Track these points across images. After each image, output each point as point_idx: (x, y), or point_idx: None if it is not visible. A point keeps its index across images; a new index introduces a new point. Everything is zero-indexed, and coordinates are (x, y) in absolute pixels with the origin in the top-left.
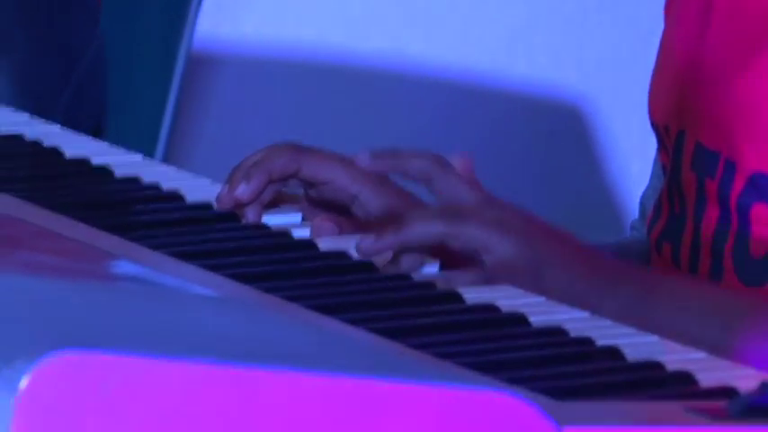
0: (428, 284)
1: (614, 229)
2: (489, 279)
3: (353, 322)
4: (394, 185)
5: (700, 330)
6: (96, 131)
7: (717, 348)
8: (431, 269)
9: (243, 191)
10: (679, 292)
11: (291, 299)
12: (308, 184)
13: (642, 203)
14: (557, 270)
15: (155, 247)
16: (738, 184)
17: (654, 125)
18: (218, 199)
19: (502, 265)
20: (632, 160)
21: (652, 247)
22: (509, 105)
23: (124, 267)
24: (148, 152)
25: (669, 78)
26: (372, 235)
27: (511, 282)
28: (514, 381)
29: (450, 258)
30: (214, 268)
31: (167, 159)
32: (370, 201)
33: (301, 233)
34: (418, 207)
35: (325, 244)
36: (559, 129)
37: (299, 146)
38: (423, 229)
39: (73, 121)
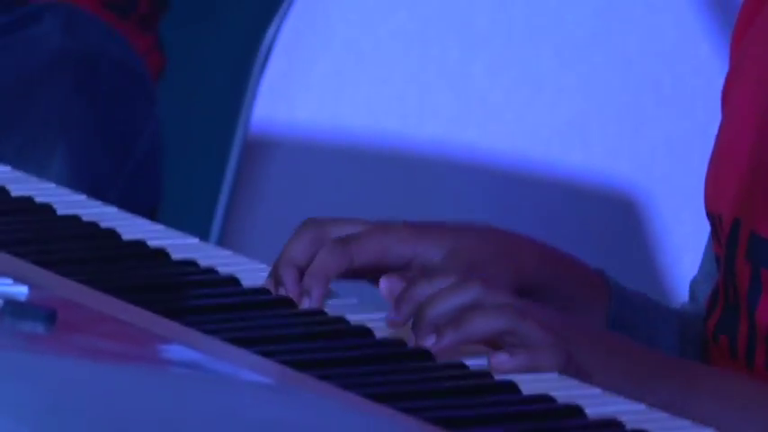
0: (484, 374)
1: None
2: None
3: (408, 411)
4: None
5: (743, 427)
6: (152, 214)
7: None
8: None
9: (308, 305)
10: (722, 387)
11: (347, 387)
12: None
13: (692, 288)
14: (601, 369)
15: (210, 332)
16: None
17: (708, 215)
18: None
19: (551, 368)
20: (684, 252)
21: (709, 338)
22: (562, 195)
23: (180, 353)
24: (203, 235)
25: (725, 168)
26: (433, 335)
27: None
28: None
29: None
30: (269, 354)
31: (222, 243)
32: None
33: (357, 318)
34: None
35: (382, 333)
36: (613, 220)
37: (345, 239)
38: (485, 326)
39: (129, 204)
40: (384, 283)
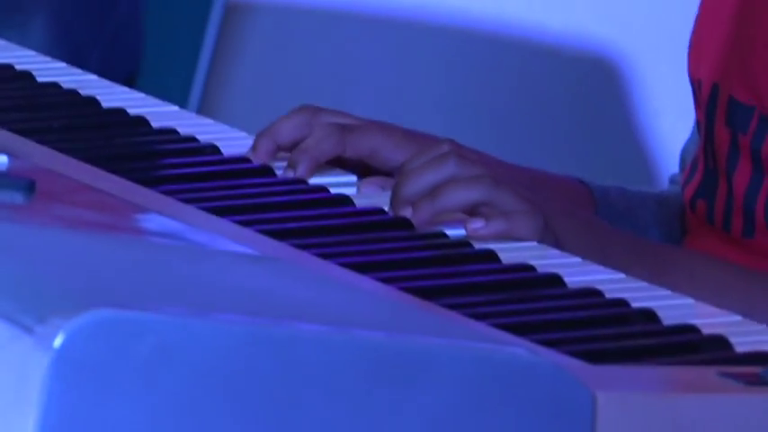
0: (464, 243)
1: (646, 182)
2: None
3: (387, 281)
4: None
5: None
6: (131, 79)
7: None
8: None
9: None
10: (697, 269)
11: (325, 256)
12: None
13: (682, 157)
14: (573, 248)
15: (190, 201)
16: None
17: (690, 80)
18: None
19: (526, 236)
20: (666, 115)
21: (687, 205)
22: (544, 59)
23: (159, 223)
24: (183, 101)
25: (706, 33)
26: (409, 206)
27: None
28: (548, 343)
29: None
30: (248, 223)
31: (201, 108)
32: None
33: (337, 188)
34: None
35: (362, 201)
36: (594, 83)
37: (341, 126)
38: (460, 198)
39: (108, 69)
40: (364, 185)
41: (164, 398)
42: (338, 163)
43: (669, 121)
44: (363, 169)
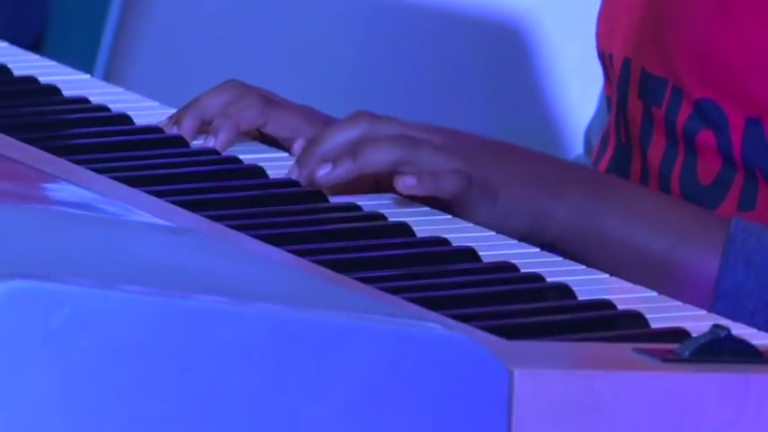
0: (377, 216)
1: (552, 150)
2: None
3: (301, 254)
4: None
5: (651, 239)
6: (38, 41)
7: (665, 260)
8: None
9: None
10: (634, 198)
11: (238, 228)
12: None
13: (587, 138)
14: (507, 182)
15: (101, 171)
16: (685, 111)
17: (600, 54)
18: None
19: (454, 191)
20: (572, 79)
21: None
22: (450, 21)
23: (72, 193)
24: (89, 64)
25: (617, 5)
26: (329, 163)
27: (465, 206)
28: (463, 318)
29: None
30: (161, 194)
31: (108, 73)
32: None
33: (251, 157)
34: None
35: (276, 172)
36: (500, 45)
37: (266, 98)
38: (381, 157)
39: (15, 32)
40: (297, 145)
41: (76, 368)
42: (262, 136)
43: (577, 84)
44: None
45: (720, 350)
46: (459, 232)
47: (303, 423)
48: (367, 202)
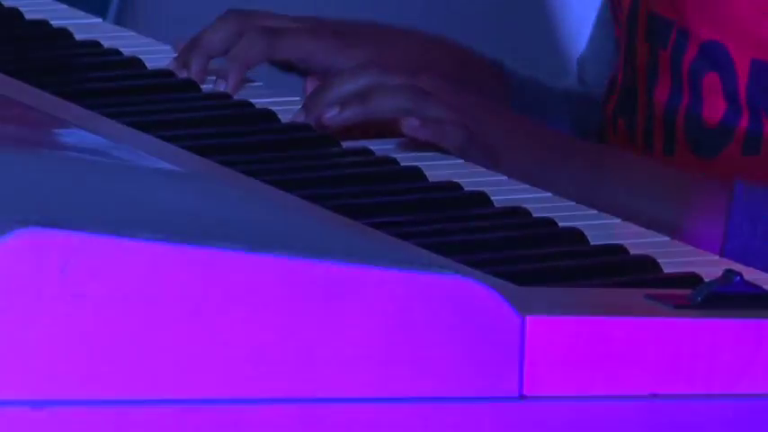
0: (390, 160)
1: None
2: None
3: (312, 199)
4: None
5: (652, 208)
6: None
7: (670, 229)
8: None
9: (224, 88)
10: (634, 169)
11: (250, 173)
12: None
13: (580, 66)
14: (509, 148)
15: (113, 116)
16: (691, 53)
17: None
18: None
19: (455, 143)
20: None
21: (608, 123)
22: None
23: (82, 138)
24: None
25: None
26: (337, 106)
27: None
28: (475, 263)
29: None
30: (172, 139)
31: (121, 18)
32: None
33: (263, 101)
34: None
35: (287, 116)
36: None
37: (268, 29)
38: (389, 104)
39: None
40: (308, 84)
41: (89, 314)
42: (274, 64)
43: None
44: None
45: (733, 296)
46: (472, 177)
47: (316, 369)
48: (379, 147)
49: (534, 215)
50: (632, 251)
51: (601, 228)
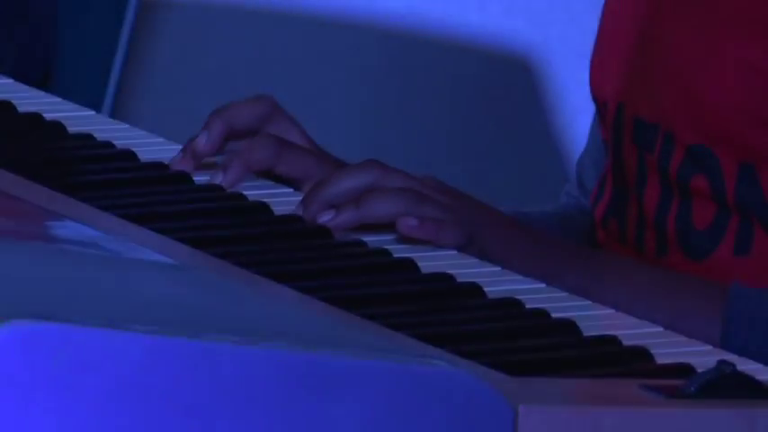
0: (383, 252)
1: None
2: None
3: (306, 290)
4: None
5: (650, 313)
6: (45, 79)
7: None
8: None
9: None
10: (629, 274)
11: (244, 265)
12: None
13: (578, 171)
14: (509, 255)
15: (106, 208)
16: (678, 157)
17: (595, 99)
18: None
19: (453, 243)
20: (581, 113)
21: (597, 224)
22: (459, 55)
23: (75, 230)
24: (97, 102)
25: (609, 52)
26: (332, 209)
27: None
28: (468, 354)
29: None
30: (167, 231)
31: (116, 107)
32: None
33: (255, 193)
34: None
35: (280, 208)
36: (509, 79)
37: (279, 140)
38: (385, 209)
39: (23, 68)
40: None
41: (83, 409)
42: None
43: (585, 119)
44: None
45: (726, 386)
46: (464, 268)
47: None
48: (372, 239)
49: (527, 306)
50: (625, 341)
51: (594, 318)
